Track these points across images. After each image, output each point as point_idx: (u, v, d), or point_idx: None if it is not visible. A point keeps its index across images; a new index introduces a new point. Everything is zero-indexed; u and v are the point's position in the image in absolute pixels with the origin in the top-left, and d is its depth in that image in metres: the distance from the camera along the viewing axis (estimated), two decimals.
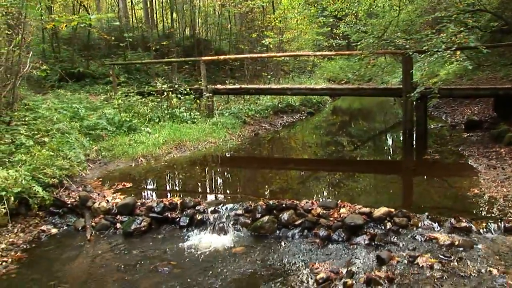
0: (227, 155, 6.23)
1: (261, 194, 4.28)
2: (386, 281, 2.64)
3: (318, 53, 8.76)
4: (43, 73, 7.42)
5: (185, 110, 7.57)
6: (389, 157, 6.54)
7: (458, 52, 4.56)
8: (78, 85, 9.43)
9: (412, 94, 5.25)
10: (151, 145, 5.95)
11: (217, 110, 7.81)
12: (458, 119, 7.59)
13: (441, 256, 2.86)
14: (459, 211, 3.47)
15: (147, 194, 4.53)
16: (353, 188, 4.62)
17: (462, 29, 4.55)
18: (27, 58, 6.37)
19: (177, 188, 4.81)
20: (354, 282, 2.66)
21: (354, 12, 10.57)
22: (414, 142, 6.50)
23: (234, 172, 5.60)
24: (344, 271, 2.79)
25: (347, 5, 8.23)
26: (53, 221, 3.99)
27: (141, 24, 11.86)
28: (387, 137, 7.84)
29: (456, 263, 2.77)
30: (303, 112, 9.23)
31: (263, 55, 8.64)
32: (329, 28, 14.89)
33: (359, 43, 12.32)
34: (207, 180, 5.16)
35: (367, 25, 12.61)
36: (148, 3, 13.67)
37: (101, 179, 4.85)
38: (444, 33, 4.63)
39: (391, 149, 6.88)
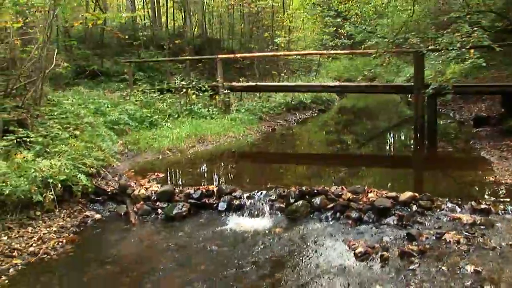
0: (249, 149, 6.55)
1: (287, 183, 4.59)
2: (418, 254, 2.97)
3: (332, 51, 9.09)
4: (64, 70, 7.73)
5: (202, 106, 7.88)
6: (403, 150, 6.90)
7: (472, 50, 4.93)
8: (93, 83, 9.71)
9: (427, 90, 5.60)
10: (175, 139, 6.25)
11: (233, 106, 8.13)
12: (466, 116, 7.97)
13: (465, 233, 3.20)
14: (477, 195, 3.82)
15: (180, 183, 4.83)
16: (374, 178, 4.96)
17: (475, 28, 4.91)
18: (52, 55, 6.67)
19: (207, 178, 5.11)
20: (389, 255, 3.00)
21: (360, 12, 10.95)
22: (425, 137, 6.86)
23: (258, 163, 5.93)
24: (379, 246, 3.13)
25: (358, 5, 8.57)
26: (95, 207, 4.30)
27: (151, 23, 12.15)
28: (398, 132, 8.20)
29: (479, 238, 3.11)
30: (314, 109, 9.58)
31: (278, 53, 8.99)
32: (335, 28, 15.25)
33: (365, 42, 12.70)
34: (234, 170, 5.47)
35: (372, 25, 12.98)
36: (155, 2, 14.01)
37: (132, 170, 5.14)
38: (459, 32, 5.00)
39: (403, 143, 7.24)
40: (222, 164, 5.65)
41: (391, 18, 10.24)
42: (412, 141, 7.09)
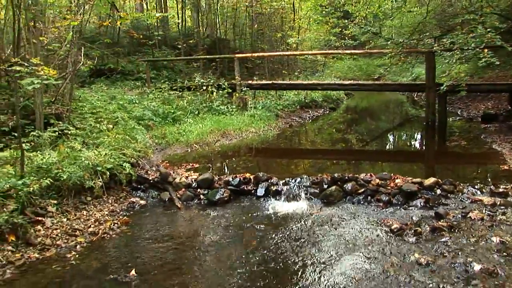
0: (271, 142, 6.95)
1: (313, 172, 4.98)
2: (447, 229, 3.39)
3: (347, 51, 9.52)
4: (87, 68, 8.09)
5: (220, 103, 8.27)
6: (417, 144, 7.35)
7: (486, 50, 5.38)
8: (109, 81, 10.04)
9: (441, 87, 6.05)
10: (200, 134, 6.63)
11: (249, 104, 8.52)
12: (474, 113, 8.45)
13: (488, 212, 3.62)
14: (494, 181, 4.25)
15: (215, 171, 5.20)
16: (393, 168, 5.37)
17: (489, 29, 5.37)
18: (80, 53, 7.03)
19: (237, 167, 5.48)
20: (422, 230, 3.41)
21: (366, 14, 11.41)
22: (437, 132, 7.32)
23: (281, 155, 6.33)
24: (411, 223, 3.54)
25: (367, 7, 9.02)
26: (138, 194, 4.67)
27: (162, 24, 12.53)
28: (408, 128, 8.64)
29: (501, 216, 3.53)
30: (325, 108, 10.01)
31: (295, 53, 9.41)
32: (340, 29, 15.75)
33: (369, 43, 13.15)
34: (261, 161, 5.85)
35: (376, 27, 13.43)
36: (163, 2, 14.41)
37: (166, 161, 5.51)
38: (473, 33, 5.45)
39: (416, 138, 7.69)
40: (248, 155, 6.03)
41: (399, 20, 10.72)
42: (424, 136, 7.54)
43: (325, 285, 2.74)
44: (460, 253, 3.02)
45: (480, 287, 2.60)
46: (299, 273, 2.92)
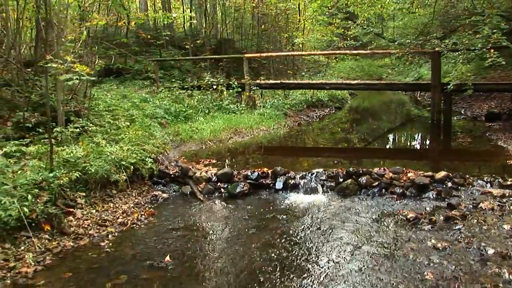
0: (282, 140, 7.19)
1: (327, 167, 5.20)
2: (460, 218, 3.63)
3: (355, 51, 9.78)
4: (98, 67, 8.29)
5: (230, 102, 8.49)
6: (424, 142, 7.60)
7: (492, 50, 5.64)
8: (117, 80, 10.24)
9: (448, 87, 6.31)
10: (213, 131, 6.85)
11: (258, 103, 8.76)
12: (477, 112, 8.73)
13: (498, 202, 3.87)
14: (502, 175, 4.49)
15: (232, 166, 5.42)
16: (405, 163, 5.60)
17: (495, 30, 5.63)
18: (93, 52, 7.24)
19: (253, 163, 5.69)
20: (436, 219, 3.64)
21: (369, 15, 11.68)
22: (442, 130, 7.59)
23: (294, 151, 6.57)
24: (426, 213, 3.78)
25: (372, 8, 9.29)
26: (159, 188, 4.87)
27: (168, 24, 12.73)
28: (413, 127, 8.90)
29: (511, 206, 3.77)
30: (331, 107, 10.27)
31: (303, 53, 9.65)
32: (343, 30, 16.06)
33: (371, 44, 13.38)
34: (274, 157, 6.07)
35: (378, 28, 13.68)
36: (168, 3, 14.64)
37: (183, 157, 5.73)
38: (479, 34, 5.72)
39: (423, 136, 7.94)
40: (262, 152, 6.26)
41: (402, 21, 11.01)
42: (430, 134, 7.81)
43: (351, 267, 2.96)
44: (473, 239, 3.25)
45: (495, 268, 2.83)
46: (322, 257, 3.14)
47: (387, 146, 7.18)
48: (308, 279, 2.85)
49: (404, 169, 4.65)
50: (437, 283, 2.71)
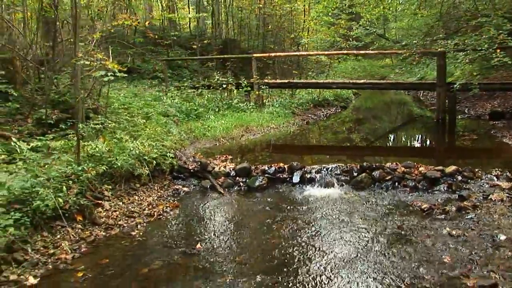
0: (293, 137, 7.41)
1: (339, 161, 5.43)
2: (472, 208, 3.87)
3: (362, 51, 10.03)
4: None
5: (239, 101, 8.71)
6: (431, 139, 7.84)
7: (498, 50, 5.89)
8: (126, 80, 10.42)
9: (455, 86, 6.56)
10: (225, 129, 7.07)
11: (266, 102, 8.99)
12: (481, 111, 8.99)
13: (507, 194, 4.11)
14: (510, 169, 4.74)
15: (248, 162, 5.62)
16: (413, 159, 5.85)
17: (500, 31, 5.89)
18: (108, 52, 7.45)
19: (267, 158, 5.90)
20: (449, 209, 3.88)
21: (374, 16, 11.94)
22: (447, 128, 7.84)
23: (305, 148, 6.79)
24: (439, 204, 4.01)
25: (378, 9, 9.54)
26: (179, 182, 5.08)
27: (174, 25, 12.97)
28: (420, 125, 9.15)
29: None
30: (337, 106, 10.51)
31: (311, 53, 9.89)
32: (346, 31, 16.34)
33: (373, 45, 13.63)
34: (287, 153, 6.29)
35: (380, 28, 13.94)
36: (170, 3, 14.88)
37: (198, 153, 5.94)
38: (485, 35, 5.97)
39: (429, 134, 8.18)
40: (275, 148, 6.48)
41: (405, 22, 11.28)
42: (436, 132, 8.05)
43: (373, 250, 3.19)
44: (486, 226, 3.49)
45: (508, 252, 3.07)
46: (344, 242, 3.37)
47: (395, 144, 7.43)
48: (333, 260, 3.07)
49: (415, 163, 4.89)
50: (454, 265, 2.95)
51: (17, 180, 3.51)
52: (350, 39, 14.74)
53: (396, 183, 4.63)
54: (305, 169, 4.93)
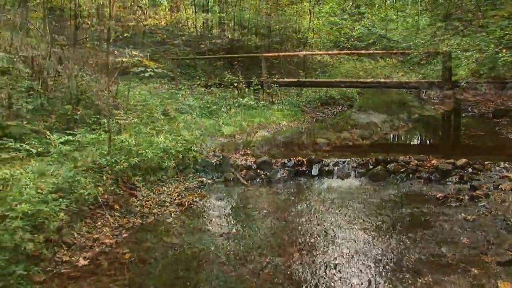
0: (305, 133, 7.69)
1: (354, 155, 5.73)
2: (484, 196, 4.20)
3: (371, 51, 10.37)
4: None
5: (249, 99, 9.00)
6: (438, 135, 8.18)
7: (504, 50, 6.25)
8: (136, 78, 10.67)
9: (461, 84, 6.92)
10: (239, 125, 7.36)
11: (276, 100, 9.29)
12: (484, 110, 9.37)
13: None
14: None
15: (267, 156, 5.90)
16: (425, 154, 6.18)
17: (507, 32, 6.24)
18: (120, 51, 7.71)
19: (284, 152, 6.16)
20: (462, 197, 4.21)
21: (381, 15, 12.29)
22: (453, 125, 8.21)
23: (317, 143, 7.06)
24: (452, 193, 4.34)
25: (382, 10, 9.89)
26: (202, 175, 5.36)
27: (179, 25, 13.23)
28: (425, 123, 9.47)
29: None
30: (343, 105, 10.84)
31: (320, 52, 10.23)
32: (349, 31, 16.71)
33: (375, 45, 13.96)
34: (302, 147, 6.56)
35: (381, 29, 14.31)
36: (174, 4, 15.16)
37: (217, 148, 6.22)
38: (492, 35, 6.33)
39: (435, 131, 8.54)
40: (290, 144, 6.77)
41: (408, 23, 11.66)
42: (442, 130, 8.42)
43: (394, 233, 3.50)
44: (498, 212, 3.82)
45: None
46: (366, 227, 3.68)
47: (404, 140, 7.76)
48: (357, 241, 3.38)
49: (427, 157, 5.22)
50: (472, 245, 3.26)
51: (63, 170, 3.77)
52: (352, 39, 15.13)
53: (410, 175, 4.95)
54: (323, 162, 5.24)
